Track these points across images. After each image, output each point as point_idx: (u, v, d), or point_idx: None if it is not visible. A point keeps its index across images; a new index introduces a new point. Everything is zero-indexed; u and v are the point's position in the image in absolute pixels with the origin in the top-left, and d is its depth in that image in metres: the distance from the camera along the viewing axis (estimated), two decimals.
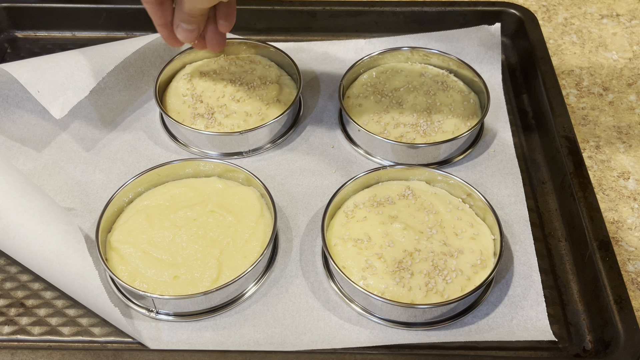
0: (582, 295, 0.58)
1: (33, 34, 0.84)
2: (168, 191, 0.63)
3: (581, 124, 0.74)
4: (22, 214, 0.56)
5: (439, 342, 0.54)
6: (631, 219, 0.65)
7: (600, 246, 0.57)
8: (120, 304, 0.56)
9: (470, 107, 0.71)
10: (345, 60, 0.79)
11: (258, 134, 0.68)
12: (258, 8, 0.82)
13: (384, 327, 0.55)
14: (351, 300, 0.56)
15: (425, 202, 0.62)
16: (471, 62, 0.78)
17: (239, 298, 0.57)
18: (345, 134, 0.71)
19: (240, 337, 0.54)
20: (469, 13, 0.82)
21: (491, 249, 0.58)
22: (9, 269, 0.59)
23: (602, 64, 0.82)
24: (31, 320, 0.56)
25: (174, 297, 0.54)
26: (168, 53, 0.77)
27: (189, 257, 0.57)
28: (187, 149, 0.70)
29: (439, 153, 0.67)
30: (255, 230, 0.59)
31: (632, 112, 0.76)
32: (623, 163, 0.70)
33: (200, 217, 0.60)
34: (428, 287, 0.55)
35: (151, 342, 0.54)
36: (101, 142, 0.71)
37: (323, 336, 0.54)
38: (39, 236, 0.55)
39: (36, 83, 0.66)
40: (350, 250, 0.58)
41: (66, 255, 0.54)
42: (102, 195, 0.65)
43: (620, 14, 0.89)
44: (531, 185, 0.67)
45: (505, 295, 0.57)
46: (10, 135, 0.71)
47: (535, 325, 0.55)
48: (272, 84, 0.73)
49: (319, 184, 0.67)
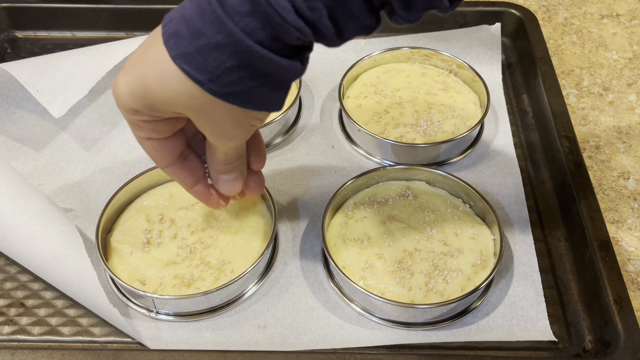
0: (582, 295, 0.58)
1: (33, 34, 0.84)
2: (168, 191, 0.63)
3: (581, 124, 0.74)
4: (20, 215, 0.56)
5: (439, 342, 0.54)
6: (631, 219, 0.65)
7: (600, 246, 0.57)
8: (120, 304, 0.56)
9: (470, 107, 0.71)
10: (345, 60, 0.79)
11: None
12: None
13: (384, 327, 0.55)
14: (351, 300, 0.56)
15: (425, 202, 0.62)
16: (471, 62, 0.78)
17: (239, 298, 0.57)
18: (345, 134, 0.71)
19: (240, 337, 0.54)
20: (469, 13, 0.82)
21: (491, 249, 0.58)
22: (8, 269, 0.59)
23: (602, 64, 0.82)
24: (31, 320, 0.56)
25: (174, 297, 0.54)
26: None
27: (189, 257, 0.57)
28: None
29: (439, 153, 0.67)
30: (255, 230, 0.59)
31: (632, 112, 0.76)
32: (623, 163, 0.70)
33: (200, 217, 0.60)
34: (428, 287, 0.55)
35: (151, 342, 0.54)
36: (101, 142, 0.71)
37: (323, 336, 0.54)
38: (37, 237, 0.55)
39: (35, 82, 0.66)
40: (350, 250, 0.58)
41: (64, 256, 0.54)
42: (102, 195, 0.65)
43: (620, 14, 0.89)
44: (531, 185, 0.67)
45: (505, 295, 0.57)
46: (10, 135, 0.71)
47: (535, 325, 0.55)
48: None
49: (319, 184, 0.67)
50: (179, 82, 0.39)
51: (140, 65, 0.41)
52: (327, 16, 0.37)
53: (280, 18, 0.36)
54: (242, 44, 0.37)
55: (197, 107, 0.41)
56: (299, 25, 0.37)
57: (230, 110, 0.41)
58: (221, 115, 0.42)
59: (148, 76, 0.40)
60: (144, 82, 0.40)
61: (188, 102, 0.40)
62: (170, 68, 0.39)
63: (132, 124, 0.44)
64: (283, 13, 0.36)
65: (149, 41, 0.41)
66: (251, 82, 0.39)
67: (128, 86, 0.41)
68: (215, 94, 0.39)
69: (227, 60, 0.38)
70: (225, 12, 0.37)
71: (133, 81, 0.41)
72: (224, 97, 0.40)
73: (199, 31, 0.38)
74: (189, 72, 0.39)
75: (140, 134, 0.45)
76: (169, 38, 0.39)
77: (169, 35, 0.39)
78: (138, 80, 0.41)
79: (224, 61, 0.38)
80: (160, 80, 0.40)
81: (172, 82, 0.40)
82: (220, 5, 0.37)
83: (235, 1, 0.36)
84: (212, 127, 0.43)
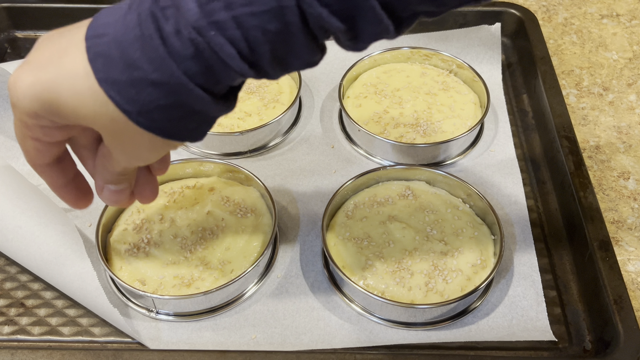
0: (582, 295, 0.58)
1: (33, 34, 0.84)
2: (168, 191, 0.63)
3: (581, 124, 0.74)
4: (20, 215, 0.56)
5: (439, 342, 0.54)
6: (631, 219, 0.65)
7: (600, 246, 0.57)
8: (120, 304, 0.56)
9: (470, 107, 0.71)
10: (345, 60, 0.79)
11: (258, 134, 0.68)
12: None
13: (384, 327, 0.55)
14: (351, 300, 0.56)
15: (425, 202, 0.62)
16: (471, 62, 0.78)
17: (239, 298, 0.57)
18: (345, 134, 0.71)
19: (240, 337, 0.54)
20: (469, 13, 0.82)
21: (491, 249, 0.58)
22: (8, 269, 0.59)
23: (602, 64, 0.82)
24: (31, 320, 0.56)
25: (174, 297, 0.54)
26: None
27: (189, 257, 0.57)
28: (187, 149, 0.70)
29: (439, 153, 0.67)
30: (255, 230, 0.59)
31: (632, 112, 0.76)
32: (623, 163, 0.70)
33: (200, 217, 0.60)
34: (428, 287, 0.55)
35: (151, 342, 0.54)
36: None
37: (323, 336, 0.54)
38: (37, 238, 0.55)
39: None
40: (350, 250, 0.58)
41: (64, 256, 0.54)
42: None
43: (620, 14, 0.89)
44: (531, 185, 0.67)
45: (505, 295, 0.57)
46: (10, 135, 0.71)
47: (535, 325, 0.55)
48: (272, 84, 0.73)
49: (319, 184, 0.67)
50: (100, 104, 0.36)
51: (53, 71, 0.37)
52: (270, 58, 0.36)
53: (224, 65, 0.35)
54: (183, 87, 0.36)
55: (114, 130, 0.38)
56: (244, 70, 0.36)
57: (151, 138, 0.39)
58: (139, 141, 0.39)
59: (62, 88, 0.37)
60: (56, 91, 0.37)
61: (105, 124, 0.38)
62: (91, 87, 0.36)
63: (24, 124, 0.39)
64: (228, 60, 0.35)
65: (64, 43, 0.38)
66: (181, 119, 0.38)
67: (33, 89, 0.37)
68: (141, 125, 0.37)
69: (162, 98, 0.36)
70: (168, 52, 0.34)
71: (41, 86, 0.37)
72: (150, 129, 0.38)
73: (135, 63, 0.35)
74: (116, 101, 0.36)
75: (28, 133, 0.40)
76: (96, 57, 0.36)
77: (96, 54, 0.36)
78: (48, 87, 0.37)
79: (158, 98, 0.36)
80: (76, 95, 0.37)
81: (92, 102, 0.37)
82: (162, 44, 0.35)
83: (177, 43, 0.34)
84: (124, 148, 0.40)
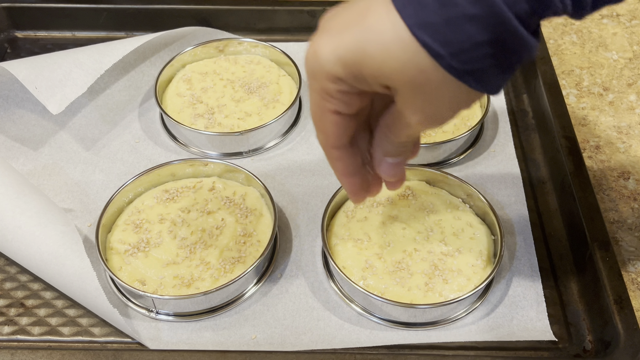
0: (582, 295, 0.58)
1: (33, 34, 0.84)
2: (168, 191, 0.63)
3: (581, 124, 0.74)
4: (19, 215, 0.56)
5: (439, 342, 0.54)
6: (631, 219, 0.65)
7: (600, 246, 0.57)
8: (119, 305, 0.56)
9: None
10: None
11: (258, 134, 0.68)
12: (258, 8, 0.82)
13: (384, 327, 0.55)
14: (351, 300, 0.56)
15: (425, 202, 0.62)
16: None
17: (239, 298, 0.57)
18: None
19: (240, 337, 0.54)
20: None
21: (491, 249, 0.58)
22: (8, 269, 0.59)
23: (602, 64, 0.82)
24: (31, 320, 0.56)
25: (174, 297, 0.54)
26: (168, 53, 0.77)
27: (189, 257, 0.57)
28: (187, 149, 0.70)
29: (439, 153, 0.67)
30: (255, 230, 0.59)
31: (632, 112, 0.76)
32: (623, 163, 0.70)
33: (200, 217, 0.60)
34: (428, 287, 0.55)
35: (151, 342, 0.54)
36: (101, 142, 0.71)
37: (323, 336, 0.54)
38: (37, 238, 0.55)
39: (34, 80, 0.66)
40: (350, 250, 0.58)
41: (64, 256, 0.54)
42: (102, 195, 0.65)
43: (620, 14, 0.89)
44: (531, 185, 0.67)
45: (505, 295, 0.57)
46: (10, 135, 0.71)
47: (535, 325, 0.55)
48: (272, 84, 0.73)
49: (319, 184, 0.67)
50: (409, 54, 0.35)
51: (356, 31, 0.37)
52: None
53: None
54: (501, 17, 0.33)
55: (420, 82, 0.36)
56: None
57: (456, 90, 0.37)
58: (443, 95, 0.37)
59: (369, 45, 0.36)
60: (363, 50, 0.36)
61: (412, 76, 0.36)
62: (400, 37, 0.35)
63: (325, 93, 0.40)
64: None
65: (364, 5, 0.37)
66: (492, 60, 0.35)
67: (338, 52, 0.37)
68: (452, 70, 0.35)
69: (478, 34, 0.34)
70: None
71: (346, 47, 0.37)
72: (460, 75, 0.36)
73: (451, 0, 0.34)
74: (428, 44, 0.35)
75: (328, 106, 0.40)
76: (405, 5, 0.35)
77: (405, 2, 0.35)
78: (352, 48, 0.37)
79: (474, 35, 0.34)
80: (384, 49, 0.36)
81: (400, 53, 0.35)
82: None
83: None
84: (424, 106, 0.38)
